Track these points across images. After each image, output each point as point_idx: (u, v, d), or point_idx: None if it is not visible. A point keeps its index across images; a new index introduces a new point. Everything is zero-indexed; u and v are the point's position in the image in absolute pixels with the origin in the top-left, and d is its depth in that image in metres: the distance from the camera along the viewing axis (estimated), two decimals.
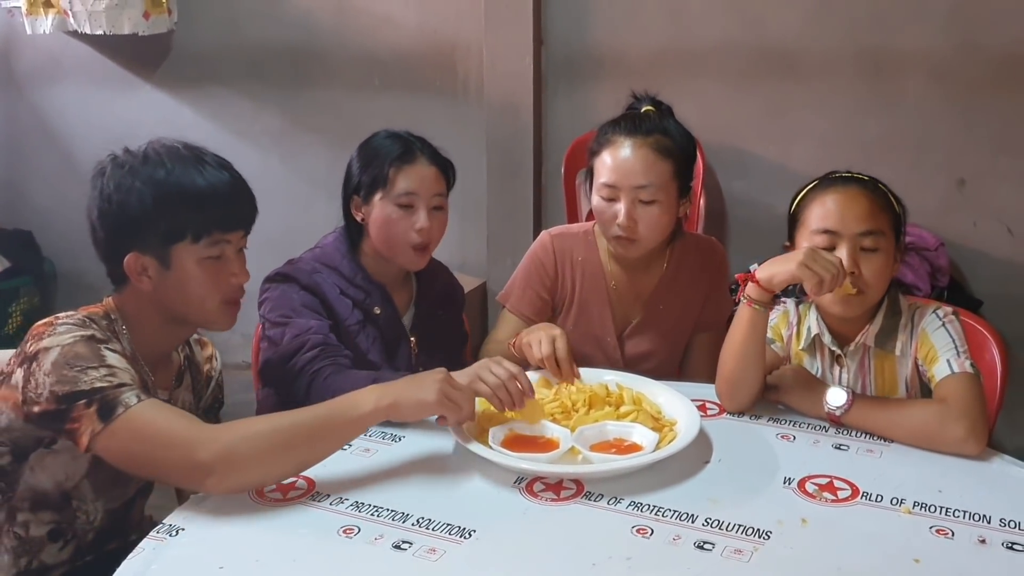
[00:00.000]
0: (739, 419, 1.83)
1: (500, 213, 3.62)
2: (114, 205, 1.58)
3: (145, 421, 1.47)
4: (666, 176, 2.02)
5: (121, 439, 1.46)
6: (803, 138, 3.32)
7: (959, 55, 3.07)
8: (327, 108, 3.83)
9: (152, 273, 1.60)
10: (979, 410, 1.66)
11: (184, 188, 1.58)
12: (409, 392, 1.57)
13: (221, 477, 1.45)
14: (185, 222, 1.59)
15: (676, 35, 3.35)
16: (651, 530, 1.43)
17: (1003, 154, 3.10)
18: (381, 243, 2.06)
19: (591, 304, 2.16)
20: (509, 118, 3.51)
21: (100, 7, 3.69)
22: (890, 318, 1.83)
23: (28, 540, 1.64)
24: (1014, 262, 3.19)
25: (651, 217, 2.02)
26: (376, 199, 2.04)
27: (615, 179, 2.01)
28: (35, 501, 1.63)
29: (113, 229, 1.60)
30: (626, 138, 2.02)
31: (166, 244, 1.59)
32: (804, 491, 1.54)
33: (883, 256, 1.78)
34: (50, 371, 1.48)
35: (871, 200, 1.80)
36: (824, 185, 1.86)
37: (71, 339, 1.51)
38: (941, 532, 1.43)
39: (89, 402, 1.46)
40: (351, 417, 1.54)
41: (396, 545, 1.39)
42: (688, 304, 2.20)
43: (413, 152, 2.06)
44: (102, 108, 4.10)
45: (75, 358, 1.49)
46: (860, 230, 1.77)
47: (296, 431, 1.51)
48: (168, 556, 1.38)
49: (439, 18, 3.59)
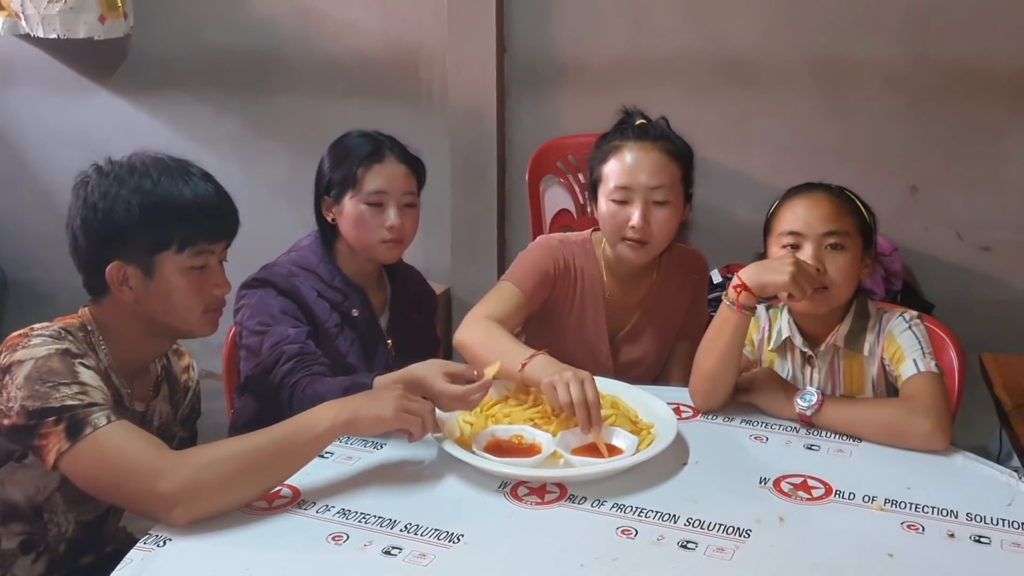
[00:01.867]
0: (712, 421, 1.88)
1: (464, 219, 3.63)
2: (99, 214, 1.58)
3: (111, 445, 1.46)
4: (676, 178, 2.08)
5: (86, 461, 1.46)
6: (762, 146, 3.38)
7: (912, 66, 3.15)
8: (289, 114, 3.81)
9: (134, 283, 1.61)
10: (944, 407, 1.74)
11: (172, 198, 1.60)
12: (366, 408, 1.58)
13: (185, 508, 1.44)
14: (171, 232, 1.59)
15: (638, 44, 3.38)
16: (635, 531, 1.47)
17: (953, 162, 3.19)
18: (354, 241, 2.08)
19: (587, 311, 2.19)
20: (473, 125, 3.53)
21: (54, 10, 3.62)
22: (859, 320, 1.90)
23: (1, 553, 1.63)
24: (963, 267, 3.28)
25: (663, 218, 2.06)
26: (346, 199, 2.07)
27: (629, 181, 2.05)
28: (5, 514, 1.62)
29: (97, 238, 1.60)
30: (636, 143, 2.07)
31: (151, 253, 1.59)
32: (780, 490, 1.59)
33: (848, 255, 1.86)
34: (22, 385, 1.47)
35: (835, 203, 1.89)
36: (791, 193, 1.95)
37: (45, 352, 1.50)
38: (912, 527, 1.49)
39: (58, 419, 1.45)
40: (309, 436, 1.54)
41: (386, 551, 1.41)
42: (674, 312, 2.25)
43: (382, 151, 2.08)
44: (56, 113, 4.04)
45: (48, 373, 1.48)
46: (824, 230, 1.86)
47: (258, 455, 1.51)
48: (156, 566, 1.38)
49: (402, 25, 3.59)
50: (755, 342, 2.02)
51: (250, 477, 1.50)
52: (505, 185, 3.63)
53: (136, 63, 3.91)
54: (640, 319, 2.24)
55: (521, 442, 1.71)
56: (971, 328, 2.45)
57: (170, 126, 3.94)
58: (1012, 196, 3.18)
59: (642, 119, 2.14)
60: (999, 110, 3.12)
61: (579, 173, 3.37)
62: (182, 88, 3.90)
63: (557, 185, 3.44)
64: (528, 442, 1.70)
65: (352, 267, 2.13)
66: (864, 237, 1.90)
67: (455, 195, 3.60)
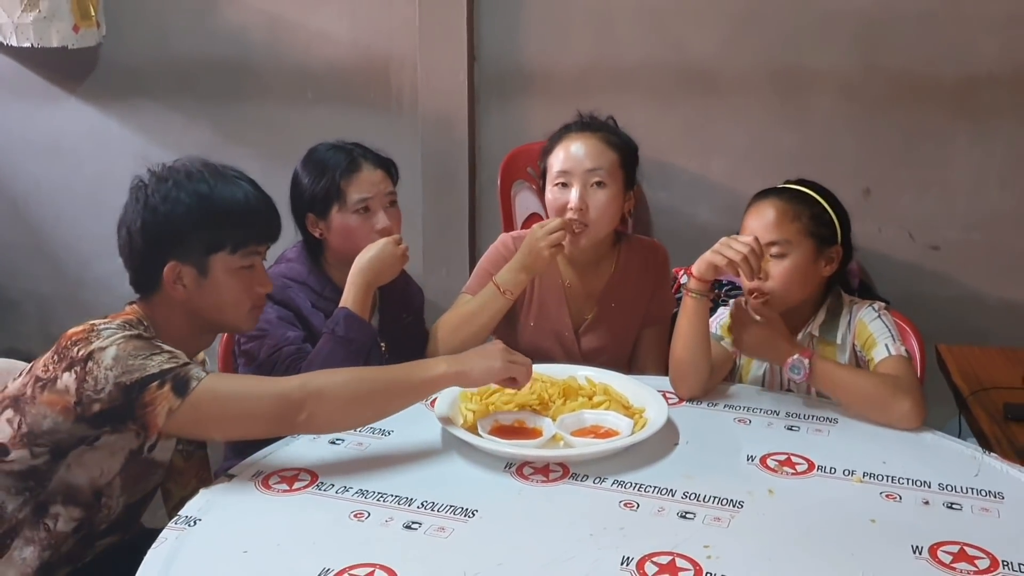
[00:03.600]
0: (698, 406, 2.00)
1: (436, 224, 3.71)
2: (160, 216, 1.68)
3: (225, 386, 1.62)
4: (614, 163, 2.21)
5: (204, 408, 1.57)
6: (721, 151, 3.50)
7: (864, 75, 3.30)
8: (259, 122, 3.85)
9: (188, 282, 1.70)
10: (919, 387, 1.88)
11: (226, 203, 1.71)
12: (477, 361, 1.74)
13: (311, 415, 1.60)
14: (226, 234, 1.71)
15: (603, 54, 3.49)
16: (637, 504, 1.57)
17: (904, 166, 3.34)
18: (347, 251, 2.15)
19: (548, 301, 2.31)
20: (444, 132, 3.61)
21: (28, 19, 3.63)
22: (833, 311, 2.04)
23: (52, 535, 1.67)
24: (915, 265, 3.43)
25: (601, 201, 2.19)
26: (333, 212, 2.14)
27: (569, 166, 2.19)
28: (67, 496, 1.66)
29: (155, 239, 1.69)
30: (577, 133, 2.23)
31: (206, 254, 1.70)
32: (766, 466, 1.71)
33: (789, 263, 1.99)
34: (112, 365, 1.53)
35: (781, 212, 2.02)
36: (753, 199, 2.10)
37: (123, 337, 1.58)
38: (890, 496, 1.61)
39: (161, 383, 1.54)
40: (423, 379, 1.71)
41: (407, 525, 1.50)
42: (636, 301, 2.36)
43: (357, 160, 2.17)
44: (24, 121, 4.03)
45: (136, 349, 1.57)
46: (766, 240, 1.99)
47: (375, 384, 1.70)
48: (192, 543, 1.46)
49: (373, 33, 3.66)
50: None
51: (366, 401, 1.68)
52: (475, 190, 3.72)
53: (107, 71, 3.92)
54: (602, 309, 2.35)
55: (523, 426, 1.81)
56: (923, 323, 2.59)
57: (140, 134, 3.97)
58: (959, 198, 3.35)
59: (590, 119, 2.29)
60: (945, 116, 3.27)
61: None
62: (153, 96, 3.92)
63: (527, 190, 3.54)
64: (530, 426, 1.80)
65: (340, 275, 2.19)
66: (817, 237, 2.01)
67: (426, 200, 3.68)
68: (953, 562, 1.40)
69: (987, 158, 3.31)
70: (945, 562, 1.40)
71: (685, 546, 1.43)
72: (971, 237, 3.38)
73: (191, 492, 1.73)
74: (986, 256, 3.38)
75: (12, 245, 4.16)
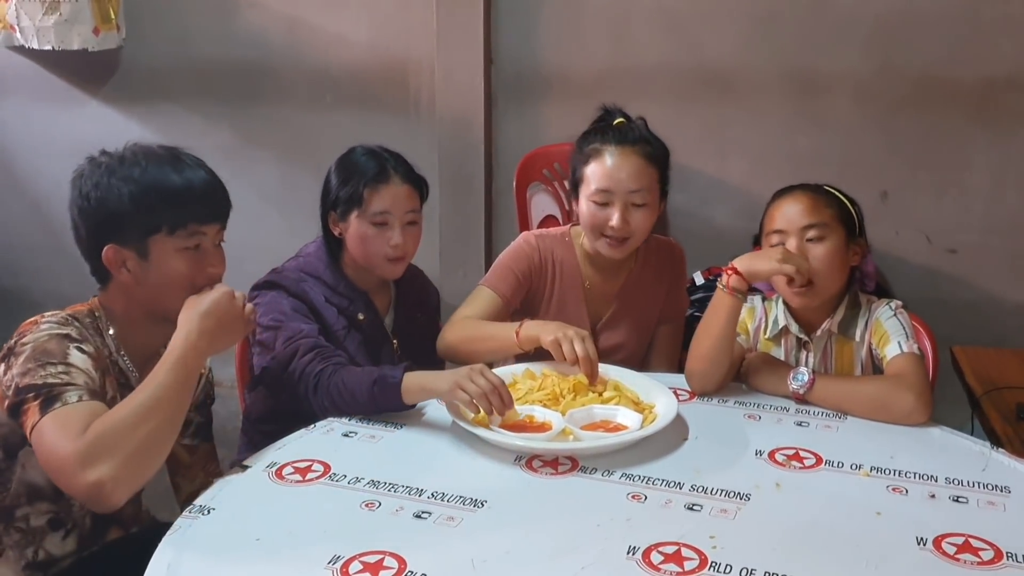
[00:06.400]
0: (708, 403, 2.01)
1: (452, 226, 3.74)
2: (93, 202, 1.67)
3: (67, 421, 1.49)
4: (653, 180, 2.20)
5: (46, 436, 1.49)
6: (738, 154, 3.52)
7: (880, 77, 3.30)
8: (279, 124, 3.90)
9: (131, 265, 1.69)
10: (925, 384, 1.88)
11: (159, 184, 1.67)
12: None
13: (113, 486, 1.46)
14: (160, 215, 1.67)
15: (619, 56, 3.51)
16: (644, 496, 1.59)
17: (921, 168, 3.35)
18: (358, 256, 2.18)
19: (568, 301, 2.31)
20: (460, 134, 3.64)
21: (49, 23, 3.70)
22: (851, 309, 2.06)
23: (29, 531, 1.71)
24: (932, 268, 3.43)
25: (641, 219, 2.19)
26: (352, 217, 2.15)
27: (610, 185, 2.16)
28: (30, 495, 1.70)
29: (93, 225, 1.69)
30: (616, 147, 2.18)
31: (143, 237, 1.68)
32: (775, 460, 1.72)
33: (828, 244, 2.01)
34: (20, 364, 1.56)
35: (812, 198, 2.05)
36: (775, 196, 2.12)
37: (45, 336, 1.60)
38: (897, 490, 1.62)
39: (37, 395, 1.53)
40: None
41: (417, 515, 1.52)
42: (653, 300, 2.38)
43: (387, 172, 2.15)
44: (46, 123, 4.10)
45: (42, 354, 1.57)
46: (803, 224, 2.01)
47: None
48: (205, 532, 1.48)
49: (391, 36, 3.69)
50: (750, 331, 2.15)
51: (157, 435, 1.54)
52: (492, 192, 3.74)
53: (127, 74, 3.98)
54: (619, 307, 2.36)
55: (533, 421, 1.82)
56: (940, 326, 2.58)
57: (160, 136, 4.00)
58: (976, 201, 3.35)
59: (621, 118, 2.25)
60: (963, 119, 3.28)
61: (564, 180, 3.49)
62: (173, 98, 3.97)
63: (543, 192, 3.56)
64: (539, 420, 1.82)
65: (356, 273, 2.22)
66: (846, 226, 2.04)
67: (443, 202, 3.70)
68: (957, 553, 1.41)
69: (1005, 161, 3.31)
70: (949, 553, 1.41)
71: (691, 537, 1.44)
72: (989, 241, 3.38)
73: (200, 485, 1.77)
74: (1004, 260, 3.38)
75: (34, 246, 4.22)
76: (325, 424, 1.88)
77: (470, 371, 1.79)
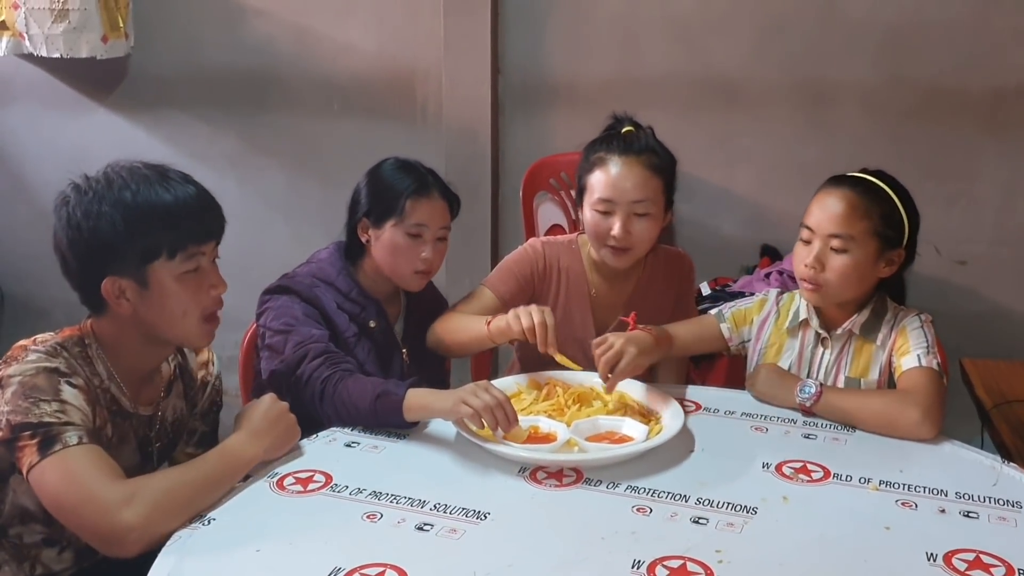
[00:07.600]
0: (715, 414, 1.99)
1: (459, 235, 3.65)
2: (84, 232, 1.58)
3: (76, 465, 1.50)
4: (658, 191, 2.18)
5: (51, 476, 1.50)
6: (746, 163, 3.50)
7: (889, 86, 3.29)
8: (286, 132, 3.89)
9: (131, 295, 1.62)
10: (935, 399, 1.85)
11: (154, 206, 1.59)
12: (273, 440, 1.74)
13: (141, 535, 1.47)
14: (159, 240, 1.60)
15: (627, 66, 3.50)
16: (650, 509, 1.57)
17: (929, 179, 3.31)
18: (385, 265, 2.17)
19: (574, 309, 2.30)
20: (467, 143, 3.63)
21: (58, 30, 3.70)
22: (876, 312, 2.03)
23: (23, 547, 1.70)
24: (942, 279, 3.40)
25: (644, 229, 2.17)
26: (388, 225, 2.14)
27: (612, 194, 2.14)
28: (23, 517, 1.68)
29: (86, 256, 1.60)
30: (620, 156, 2.16)
31: (142, 264, 1.60)
32: (782, 473, 1.70)
33: (848, 259, 1.95)
34: (9, 400, 1.53)
35: (853, 205, 1.95)
36: (828, 183, 2.04)
37: (33, 370, 1.55)
38: (906, 504, 1.60)
39: (34, 434, 1.51)
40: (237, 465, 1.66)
41: (419, 527, 1.50)
42: (660, 309, 2.35)
43: (428, 186, 2.17)
44: (54, 131, 4.10)
45: (32, 390, 1.53)
46: (830, 232, 1.95)
47: (194, 486, 1.57)
48: (204, 542, 1.47)
49: (398, 45, 3.69)
50: (754, 323, 2.14)
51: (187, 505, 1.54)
52: (498, 201, 3.73)
53: (135, 82, 3.98)
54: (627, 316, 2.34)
55: (537, 432, 1.81)
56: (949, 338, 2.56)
57: (168, 144, 4.01)
58: (986, 212, 3.32)
59: (630, 126, 2.24)
60: (972, 129, 3.26)
61: (571, 189, 3.48)
62: (180, 106, 3.97)
63: (550, 201, 3.55)
64: (544, 431, 1.80)
65: (369, 281, 2.21)
66: (882, 238, 1.97)
67: None
68: (968, 570, 1.39)
69: (1015, 172, 3.28)
70: (960, 569, 1.39)
71: (697, 551, 1.43)
72: (998, 252, 3.35)
73: None
74: (1014, 271, 3.35)
75: (41, 254, 4.16)
76: (327, 434, 1.86)
77: (475, 387, 1.79)
